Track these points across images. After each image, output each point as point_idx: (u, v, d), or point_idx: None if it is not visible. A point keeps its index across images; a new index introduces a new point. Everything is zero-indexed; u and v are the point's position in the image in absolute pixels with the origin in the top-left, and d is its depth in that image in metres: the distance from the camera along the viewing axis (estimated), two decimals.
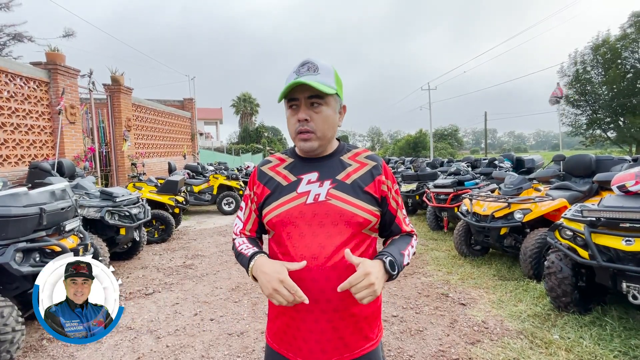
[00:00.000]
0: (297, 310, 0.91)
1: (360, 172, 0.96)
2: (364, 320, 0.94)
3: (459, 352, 2.36)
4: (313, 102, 0.91)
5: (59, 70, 6.03)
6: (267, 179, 1.01)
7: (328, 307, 0.89)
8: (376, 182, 0.96)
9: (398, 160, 11.64)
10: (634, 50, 18.56)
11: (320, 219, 0.91)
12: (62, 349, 2.51)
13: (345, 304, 0.90)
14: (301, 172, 0.97)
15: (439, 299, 3.23)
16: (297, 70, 0.92)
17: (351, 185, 0.94)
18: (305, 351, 0.92)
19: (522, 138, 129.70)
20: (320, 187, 0.93)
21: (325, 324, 0.90)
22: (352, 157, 1.00)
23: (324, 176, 0.95)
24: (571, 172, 4.60)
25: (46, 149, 5.98)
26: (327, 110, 0.93)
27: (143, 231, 4.79)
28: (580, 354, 2.21)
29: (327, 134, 0.95)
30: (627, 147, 20.87)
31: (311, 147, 0.94)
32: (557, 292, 2.71)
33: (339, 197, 0.92)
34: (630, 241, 2.24)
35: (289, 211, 0.93)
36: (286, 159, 1.03)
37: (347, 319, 0.91)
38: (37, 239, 2.60)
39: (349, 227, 0.90)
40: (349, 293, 0.86)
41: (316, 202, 0.92)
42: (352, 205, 0.92)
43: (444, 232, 5.82)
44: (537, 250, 3.42)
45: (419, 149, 37.74)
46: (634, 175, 2.45)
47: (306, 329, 0.91)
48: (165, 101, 12.72)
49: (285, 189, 0.96)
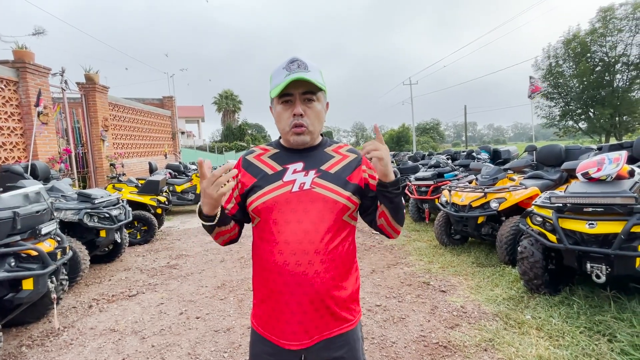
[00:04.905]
0: (281, 292, 0.95)
1: (342, 163, 1.03)
2: (343, 302, 1.00)
3: (439, 336, 2.46)
4: (307, 98, 0.97)
5: (28, 68, 5.78)
6: (253, 167, 1.04)
7: (310, 289, 0.94)
8: (357, 170, 1.03)
9: None
10: (602, 44, 19.42)
11: (305, 206, 0.96)
12: (42, 355, 2.46)
13: (326, 287, 0.95)
14: (287, 162, 1.02)
15: (420, 287, 3.35)
16: (287, 67, 0.95)
17: (334, 175, 1.00)
18: (288, 333, 0.96)
19: (501, 130, 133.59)
20: (306, 176, 0.99)
21: (308, 306, 0.95)
22: (335, 150, 1.07)
23: (309, 166, 1.01)
24: (543, 162, 4.82)
25: (17, 152, 5.74)
26: (319, 106, 0.99)
27: (124, 233, 4.70)
28: (549, 331, 2.36)
29: (317, 128, 1.01)
30: (598, 137, 21.89)
31: (304, 141, 1.00)
32: (530, 276, 2.86)
33: (323, 186, 0.98)
34: (593, 224, 2.40)
35: (276, 198, 0.97)
36: (271, 149, 1.07)
37: (327, 300, 0.96)
38: (11, 244, 2.53)
39: (331, 214, 0.96)
40: (330, 276, 0.96)
41: (301, 190, 0.97)
42: (334, 193, 0.98)
43: (425, 223, 5.99)
44: (511, 237, 3.59)
45: (402, 143, 38.31)
46: (596, 162, 2.61)
47: (289, 311, 0.95)
48: (143, 100, 12.38)
49: (271, 178, 1.00)
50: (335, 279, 0.97)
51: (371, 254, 4.56)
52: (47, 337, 2.72)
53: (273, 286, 0.97)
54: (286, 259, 0.94)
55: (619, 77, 19.80)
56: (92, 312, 3.15)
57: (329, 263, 0.95)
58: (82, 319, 3.00)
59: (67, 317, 3.05)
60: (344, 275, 1.00)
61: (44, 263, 2.64)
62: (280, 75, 0.95)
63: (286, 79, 0.92)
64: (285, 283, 0.94)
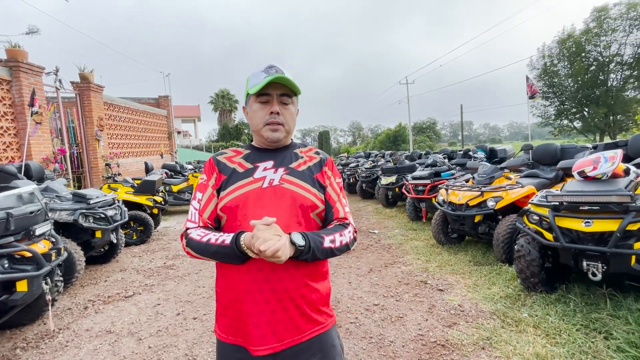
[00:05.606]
0: (248, 291, 0.93)
1: (309, 164, 1.07)
2: (314, 303, 0.97)
3: (436, 335, 2.47)
4: (283, 101, 1.01)
5: (21, 67, 5.72)
6: (223, 166, 1.06)
7: (279, 286, 0.92)
8: (322, 171, 1.07)
9: (378, 154, 11.81)
10: (596, 44, 19.57)
11: (274, 202, 0.97)
12: (37, 357, 2.43)
13: (296, 284, 0.94)
14: (257, 160, 1.05)
15: (418, 287, 3.35)
16: (266, 71, 0.99)
17: (302, 173, 1.03)
18: (257, 336, 0.93)
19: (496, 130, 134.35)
20: (275, 173, 1.02)
21: (276, 304, 0.92)
22: (303, 151, 1.11)
23: (279, 164, 1.04)
24: (539, 161, 4.85)
25: (11, 152, 5.68)
26: (293, 108, 1.05)
27: (120, 233, 4.66)
28: (546, 329, 2.37)
29: (292, 128, 1.06)
30: (592, 136, 22.08)
31: (278, 137, 1.03)
32: (526, 274, 2.87)
33: (291, 182, 1.00)
34: (589, 223, 2.41)
35: (246, 194, 0.98)
36: (242, 151, 1.10)
37: (297, 299, 0.94)
38: (4, 245, 2.49)
39: (300, 210, 0.98)
40: (300, 274, 0.95)
41: (271, 186, 0.99)
42: (303, 189, 1.00)
43: (422, 222, 6.00)
44: (508, 236, 3.60)
45: (399, 143, 38.38)
46: (591, 161, 2.63)
47: (257, 312, 0.92)
48: (139, 99, 12.30)
49: (241, 175, 1.02)
50: (305, 277, 0.96)
51: (368, 253, 4.56)
52: (42, 339, 2.68)
53: (240, 285, 0.94)
54: None
55: (613, 77, 20.00)
56: (87, 313, 3.12)
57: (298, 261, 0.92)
58: (78, 321, 2.97)
59: (62, 319, 3.02)
60: (314, 275, 0.98)
61: (39, 264, 2.61)
62: (258, 77, 0.99)
63: (266, 79, 0.96)
64: (253, 280, 0.92)
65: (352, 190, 10.33)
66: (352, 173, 10.37)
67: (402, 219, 6.46)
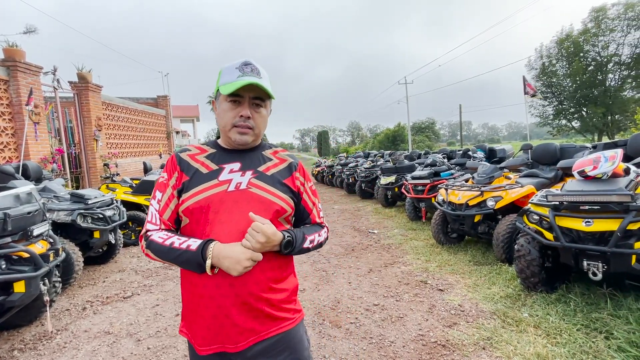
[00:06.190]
0: (212, 297, 0.92)
1: (279, 167, 1.04)
2: (279, 303, 0.98)
3: (437, 335, 2.46)
4: (256, 103, 0.98)
5: (18, 67, 5.69)
6: (185, 165, 1.00)
7: (243, 290, 0.92)
8: (292, 177, 1.04)
9: (377, 154, 11.80)
10: (595, 44, 19.63)
11: (241, 206, 0.94)
12: (35, 359, 2.41)
13: (260, 287, 0.93)
14: (223, 161, 1.01)
15: (418, 286, 3.35)
16: (241, 69, 0.95)
17: (271, 177, 1.00)
18: (223, 336, 0.93)
19: (495, 129, 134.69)
20: (242, 176, 0.98)
21: (240, 307, 0.92)
22: (272, 153, 1.07)
23: (246, 167, 1.00)
24: (538, 160, 4.85)
25: (8, 152, 5.65)
26: (265, 112, 1.01)
27: (119, 233, 4.63)
28: (547, 329, 2.37)
29: (262, 132, 1.03)
30: (590, 135, 22.15)
31: (246, 141, 0.99)
32: (527, 273, 2.87)
33: (259, 186, 0.98)
34: (589, 222, 2.41)
35: (210, 197, 0.94)
36: (207, 149, 1.05)
37: (261, 301, 0.94)
38: (1, 246, 2.47)
39: (267, 215, 0.95)
40: (265, 278, 0.95)
41: (237, 190, 0.96)
42: (271, 194, 0.98)
43: (422, 222, 6.00)
44: (508, 235, 3.60)
45: (398, 143, 38.43)
46: (591, 161, 2.62)
47: (223, 315, 0.92)
48: (137, 99, 12.27)
49: (205, 177, 0.97)
50: (270, 281, 0.96)
51: (368, 253, 4.55)
52: (40, 340, 2.66)
53: (203, 290, 0.93)
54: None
55: (611, 77, 20.06)
56: (86, 314, 3.10)
57: (264, 264, 0.93)
58: (76, 322, 2.95)
59: (61, 320, 3.00)
60: (279, 277, 0.99)
61: (36, 265, 2.59)
62: (232, 74, 0.94)
63: (239, 79, 0.92)
64: (217, 285, 0.91)
65: (351, 190, 10.32)
66: (352, 173, 10.36)
67: (401, 219, 6.45)
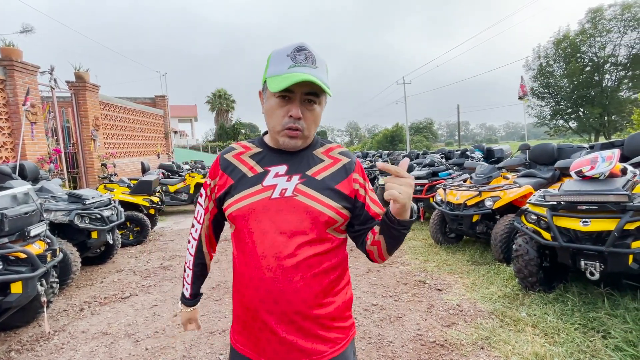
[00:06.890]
0: (257, 310, 0.86)
1: (331, 169, 0.90)
2: (331, 321, 0.88)
3: (435, 335, 2.46)
4: (309, 99, 0.84)
5: (15, 66, 5.65)
6: (232, 168, 0.92)
7: (289, 308, 0.83)
8: (349, 180, 0.90)
9: (375, 154, 11.81)
10: (591, 44, 19.73)
11: (285, 215, 0.84)
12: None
13: (308, 305, 0.84)
14: (269, 163, 0.90)
15: (416, 286, 3.35)
16: (293, 57, 0.81)
17: (321, 182, 0.87)
18: (270, 352, 0.87)
19: (493, 130, 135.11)
20: (288, 181, 0.87)
21: (288, 326, 0.84)
22: (325, 152, 0.94)
23: (293, 170, 0.88)
24: (536, 161, 4.87)
25: (5, 152, 5.61)
26: (319, 109, 0.88)
27: (117, 234, 4.62)
28: (545, 328, 2.38)
29: (313, 133, 0.90)
30: (587, 136, 22.26)
31: (295, 145, 0.88)
32: (524, 273, 2.88)
33: (306, 194, 0.85)
34: (587, 222, 2.42)
35: (252, 205, 0.85)
36: (253, 147, 0.95)
37: (309, 321, 0.85)
38: None
39: (314, 226, 0.84)
40: (312, 294, 0.84)
41: (282, 197, 0.85)
42: (319, 203, 0.85)
43: (420, 222, 6.01)
44: (506, 235, 3.61)
45: (396, 143, 38.51)
46: (589, 161, 2.64)
47: (269, 331, 0.85)
48: (135, 99, 12.22)
49: (249, 181, 0.88)
50: (319, 297, 0.85)
51: None
52: (37, 341, 2.65)
53: (249, 303, 0.87)
54: (262, 274, 0.83)
55: (608, 77, 20.18)
56: (83, 315, 3.08)
57: (310, 280, 0.83)
58: (74, 323, 2.93)
59: (58, 321, 2.98)
60: (329, 292, 0.88)
61: (33, 266, 2.57)
62: (282, 64, 0.81)
63: (290, 72, 0.79)
64: (261, 300, 0.84)
65: None
66: None
67: None
